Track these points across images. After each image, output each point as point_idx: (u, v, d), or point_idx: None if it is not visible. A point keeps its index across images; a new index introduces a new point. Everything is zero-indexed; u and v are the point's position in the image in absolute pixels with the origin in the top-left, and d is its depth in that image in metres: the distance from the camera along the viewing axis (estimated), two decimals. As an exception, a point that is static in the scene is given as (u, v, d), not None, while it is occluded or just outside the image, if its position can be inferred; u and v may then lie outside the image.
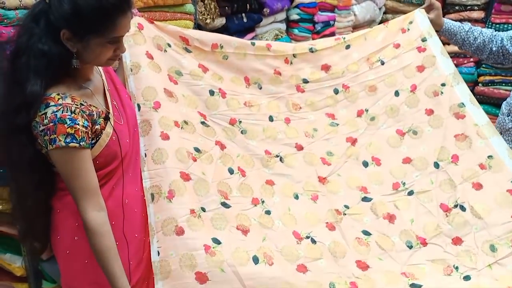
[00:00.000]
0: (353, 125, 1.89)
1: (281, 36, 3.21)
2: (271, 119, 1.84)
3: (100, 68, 1.47)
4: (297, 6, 3.32)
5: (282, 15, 3.23)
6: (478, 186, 1.67)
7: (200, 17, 2.47)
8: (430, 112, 1.83)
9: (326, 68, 1.92)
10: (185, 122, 1.64)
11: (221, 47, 1.80)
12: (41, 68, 1.20)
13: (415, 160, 1.79)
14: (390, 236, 1.65)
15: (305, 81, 1.90)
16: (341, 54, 1.93)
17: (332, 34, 3.80)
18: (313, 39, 3.58)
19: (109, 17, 1.19)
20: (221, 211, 1.53)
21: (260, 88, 1.86)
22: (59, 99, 1.22)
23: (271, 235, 1.55)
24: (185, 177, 1.52)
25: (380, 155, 1.83)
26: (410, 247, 1.62)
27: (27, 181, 1.32)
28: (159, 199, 1.47)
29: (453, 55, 4.21)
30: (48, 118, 1.20)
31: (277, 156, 1.79)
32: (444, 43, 1.99)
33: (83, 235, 1.29)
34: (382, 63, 1.93)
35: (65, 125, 1.20)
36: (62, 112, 1.20)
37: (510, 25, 3.87)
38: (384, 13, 4.58)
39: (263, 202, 1.65)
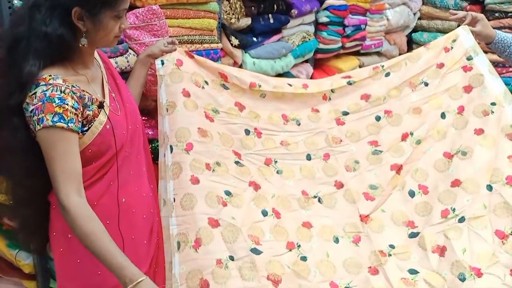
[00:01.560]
0: (397, 150, 1.79)
1: (309, 39, 3.10)
2: (308, 157, 1.78)
3: (100, 61, 1.46)
4: (326, 9, 3.20)
5: (310, 17, 3.12)
6: None
7: (225, 16, 2.40)
8: (480, 131, 1.72)
9: (366, 97, 1.84)
10: (218, 164, 1.61)
11: (259, 86, 1.76)
12: (42, 49, 1.21)
13: (465, 182, 1.65)
14: (440, 272, 1.52)
15: (345, 113, 1.84)
16: (381, 82, 1.84)
17: (363, 38, 3.67)
18: (343, 43, 3.46)
19: None
20: (250, 258, 1.44)
21: (299, 125, 1.81)
22: (50, 79, 1.22)
23: (306, 287, 1.45)
24: (214, 223, 1.46)
25: (428, 182, 1.72)
26: (463, 279, 1.48)
27: (19, 167, 1.29)
28: (185, 248, 1.42)
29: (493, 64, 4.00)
30: (38, 97, 1.19)
31: (315, 196, 1.72)
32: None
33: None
34: (426, 85, 1.83)
35: (54, 103, 1.19)
36: (52, 91, 1.20)
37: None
38: (419, 18, 4.41)
39: (299, 246, 1.56)
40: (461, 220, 1.60)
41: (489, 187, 1.62)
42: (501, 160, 1.65)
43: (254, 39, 2.63)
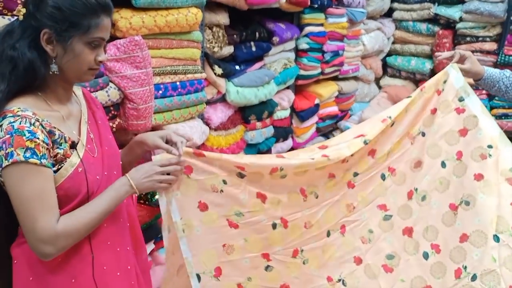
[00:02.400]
0: (405, 211, 1.76)
1: (290, 66, 3.07)
2: (328, 234, 1.72)
3: (83, 99, 1.33)
4: (306, 35, 3.19)
5: (291, 44, 3.10)
6: None
7: (208, 45, 2.32)
8: (479, 177, 1.65)
9: (372, 153, 1.76)
10: (249, 279, 1.57)
11: (281, 169, 1.58)
12: (6, 72, 1.11)
13: (472, 235, 1.61)
14: None
15: (355, 174, 1.75)
16: (387, 134, 1.76)
17: (341, 63, 3.68)
18: (322, 68, 3.46)
19: (94, 12, 1.13)
20: None
21: (317, 197, 1.69)
22: (18, 111, 1.09)
23: None
24: None
25: (438, 239, 1.68)
26: None
27: None
28: None
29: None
30: (4, 130, 1.06)
31: (339, 280, 1.71)
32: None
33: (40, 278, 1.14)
34: (423, 135, 1.77)
35: (24, 137, 1.06)
36: (20, 123, 1.07)
37: (524, 57, 3.76)
38: (393, 43, 4.49)
39: None
40: (474, 278, 1.55)
41: (496, 238, 1.56)
42: (504, 207, 1.59)
43: (237, 67, 2.57)
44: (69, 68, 1.16)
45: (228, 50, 2.48)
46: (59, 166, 1.14)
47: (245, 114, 2.70)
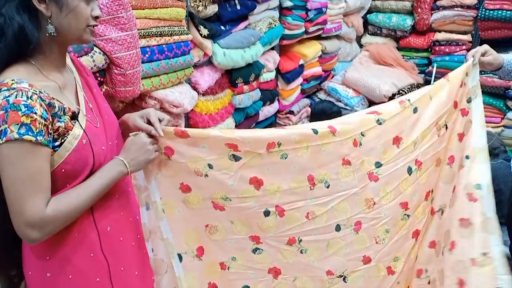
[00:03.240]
0: (421, 214, 1.71)
1: (275, 25, 2.95)
2: (338, 228, 1.57)
3: (73, 67, 1.23)
4: (290, -8, 3.07)
5: (275, 2, 2.97)
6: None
7: (192, 4, 2.19)
8: (454, 188, 1.67)
9: (397, 141, 1.60)
10: (233, 259, 1.51)
11: (279, 145, 1.43)
12: None
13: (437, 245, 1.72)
14: None
15: (378, 165, 1.58)
16: (410, 121, 1.63)
17: (325, 22, 3.59)
18: (306, 27, 3.36)
19: None
20: None
21: (328, 187, 1.52)
22: (13, 83, 1.00)
23: None
24: None
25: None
26: None
27: None
28: None
29: (445, 43, 4.09)
30: None
31: (340, 276, 1.61)
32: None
33: (56, 270, 1.12)
34: (446, 128, 1.69)
35: (19, 112, 0.98)
36: (16, 97, 0.98)
37: (504, 11, 3.75)
38: (373, 0, 4.40)
39: None
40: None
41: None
42: (453, 222, 1.62)
43: (222, 27, 2.44)
44: (67, 27, 1.07)
45: (213, 9, 2.34)
46: (62, 140, 1.06)
47: (232, 77, 2.60)
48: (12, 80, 1.00)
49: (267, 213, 1.49)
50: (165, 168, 1.34)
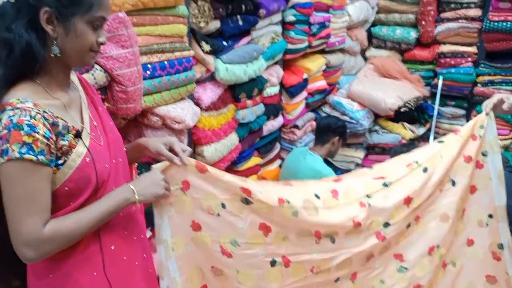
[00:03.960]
0: (422, 268, 1.64)
1: (277, 40, 2.96)
2: (337, 280, 1.57)
3: (79, 85, 1.25)
4: (293, 7, 3.07)
5: (277, 17, 2.98)
6: None
7: (194, 20, 2.19)
8: (470, 243, 1.66)
9: (408, 201, 1.59)
10: None
11: (288, 202, 1.45)
12: (2, 56, 1.04)
13: None
14: None
15: (386, 225, 1.57)
16: (421, 180, 1.60)
17: (328, 35, 3.59)
18: (309, 41, 3.36)
19: None
20: None
21: (333, 242, 1.52)
22: (17, 103, 1.02)
23: None
24: None
25: None
26: None
27: None
28: None
29: (450, 55, 4.06)
30: (3, 125, 1.01)
31: None
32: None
33: (58, 273, 1.12)
34: (453, 184, 1.63)
35: (22, 131, 1.00)
36: (20, 117, 1.00)
37: (509, 22, 3.73)
38: (377, 12, 4.41)
39: None
40: None
41: None
42: (479, 278, 1.63)
43: (224, 43, 2.45)
44: (71, 50, 1.09)
45: (215, 25, 2.35)
46: (66, 158, 1.07)
47: (235, 92, 2.59)
48: (17, 100, 1.02)
49: (273, 263, 1.47)
50: (179, 205, 1.32)
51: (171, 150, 1.29)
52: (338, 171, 3.81)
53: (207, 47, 2.25)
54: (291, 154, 3.09)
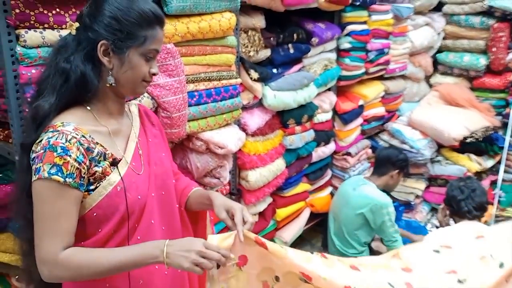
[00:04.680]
0: None
1: (331, 67, 2.95)
2: None
3: (136, 116, 1.32)
4: (348, 34, 3.06)
5: (332, 44, 2.98)
6: None
7: (243, 50, 2.28)
8: None
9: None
10: None
11: None
12: (57, 84, 1.12)
13: None
14: None
15: None
16: (497, 276, 1.47)
17: (387, 62, 3.51)
18: (366, 68, 3.31)
19: (150, 24, 1.14)
20: None
21: None
22: (59, 126, 1.09)
23: None
24: None
25: None
26: None
27: (22, 215, 1.15)
28: None
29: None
30: (41, 145, 1.07)
31: None
32: None
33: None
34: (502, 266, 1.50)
35: (55, 153, 1.05)
36: (56, 139, 1.06)
37: None
38: (444, 38, 4.23)
39: None
40: None
41: None
42: None
43: (274, 70, 2.50)
44: (124, 80, 1.16)
45: (265, 53, 2.42)
46: (98, 185, 1.12)
47: (283, 118, 2.62)
48: (60, 123, 1.09)
49: None
50: (234, 281, 1.23)
51: (232, 216, 1.23)
52: (396, 202, 3.66)
53: (255, 75, 2.31)
54: (346, 181, 3.02)
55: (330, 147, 3.16)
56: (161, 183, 1.27)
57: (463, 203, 2.18)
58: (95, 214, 1.13)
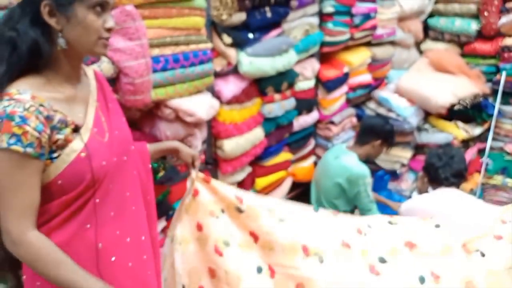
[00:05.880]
0: None
1: (313, 32, 2.85)
2: None
3: (93, 80, 1.27)
4: (331, -3, 2.94)
5: (313, 8, 2.86)
6: None
7: (215, 13, 2.17)
8: None
9: (410, 246, 1.54)
10: None
11: (273, 211, 1.59)
12: (5, 54, 1.07)
13: None
14: None
15: (382, 260, 1.51)
16: (431, 233, 1.57)
17: (374, 27, 3.39)
18: (351, 33, 3.20)
19: None
20: None
21: (321, 262, 1.50)
22: (15, 94, 1.04)
23: None
24: None
25: None
26: None
27: None
28: None
29: None
30: None
31: None
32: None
33: (45, 280, 1.10)
34: (483, 255, 1.55)
35: (13, 122, 1.01)
36: (13, 108, 1.02)
37: None
38: (435, 2, 4.09)
39: None
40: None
41: None
42: None
43: (250, 35, 2.40)
44: (77, 40, 1.10)
45: (239, 17, 2.31)
46: (61, 152, 1.09)
47: (261, 86, 2.54)
48: (16, 91, 1.05)
49: (259, 270, 1.54)
50: (190, 208, 1.56)
51: (193, 162, 1.57)
52: (381, 170, 3.62)
53: (228, 40, 2.22)
54: (328, 151, 2.97)
55: (313, 116, 3.09)
56: (123, 148, 1.25)
57: (440, 170, 2.14)
58: (59, 182, 1.10)
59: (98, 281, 1.11)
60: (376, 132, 2.71)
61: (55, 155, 1.08)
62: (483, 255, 1.53)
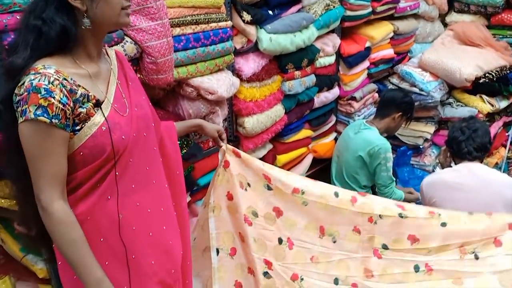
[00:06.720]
0: None
1: (333, 7, 2.81)
2: (336, 282, 1.71)
3: (115, 59, 1.33)
4: (352, -30, 2.88)
5: (334, -18, 2.82)
6: None
7: (234, -10, 2.18)
8: None
9: (412, 239, 1.69)
10: (252, 272, 1.71)
11: (303, 192, 1.71)
12: (30, 39, 1.12)
13: None
14: None
15: (385, 247, 1.71)
16: (434, 231, 1.67)
17: (396, 0, 3.32)
18: (373, 7, 3.14)
19: None
20: None
21: (334, 242, 1.72)
22: (41, 68, 1.10)
23: None
24: None
25: None
26: None
27: (13, 165, 1.19)
28: None
29: None
30: (24, 87, 1.08)
31: None
32: None
33: None
34: (476, 258, 1.65)
35: (39, 94, 1.07)
36: (39, 81, 1.08)
37: None
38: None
39: None
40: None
41: None
42: None
43: (270, 12, 2.40)
44: (102, 16, 1.16)
45: (259, -7, 2.31)
46: (83, 125, 1.15)
47: (282, 63, 2.54)
48: (42, 66, 1.11)
49: (280, 241, 1.71)
50: (220, 178, 1.70)
51: (220, 136, 1.67)
52: (404, 146, 3.60)
53: (247, 17, 2.22)
54: (348, 127, 2.98)
55: (334, 92, 3.08)
56: (142, 125, 1.30)
57: (463, 144, 2.12)
58: (81, 153, 1.17)
59: (97, 271, 1.16)
60: (396, 105, 2.71)
61: (77, 127, 1.15)
62: (476, 258, 1.62)
